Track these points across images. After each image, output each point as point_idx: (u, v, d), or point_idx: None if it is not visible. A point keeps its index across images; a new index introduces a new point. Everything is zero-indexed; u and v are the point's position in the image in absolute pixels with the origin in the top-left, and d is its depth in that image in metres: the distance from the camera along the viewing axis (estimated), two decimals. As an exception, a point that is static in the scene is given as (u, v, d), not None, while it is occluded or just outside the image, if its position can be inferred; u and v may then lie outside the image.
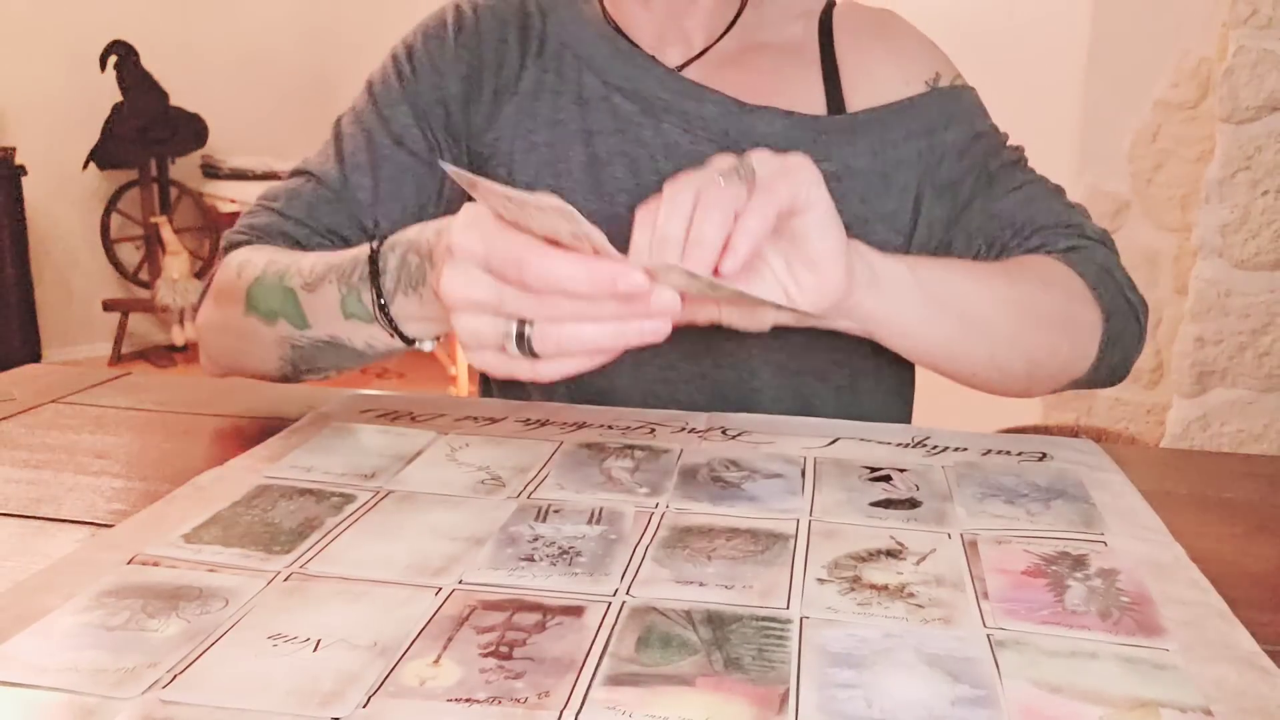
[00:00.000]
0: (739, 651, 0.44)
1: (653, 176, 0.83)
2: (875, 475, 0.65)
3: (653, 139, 0.83)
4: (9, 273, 3.49)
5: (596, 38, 0.86)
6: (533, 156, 0.85)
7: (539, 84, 0.86)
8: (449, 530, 0.56)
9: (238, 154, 4.14)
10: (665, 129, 0.83)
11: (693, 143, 0.83)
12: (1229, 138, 1.90)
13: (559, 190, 0.80)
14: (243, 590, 0.49)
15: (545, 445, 0.69)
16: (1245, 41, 1.86)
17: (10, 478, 0.64)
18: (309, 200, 0.83)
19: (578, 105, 0.85)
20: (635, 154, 0.83)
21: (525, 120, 0.85)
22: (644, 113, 0.84)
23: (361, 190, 0.84)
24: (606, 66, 0.85)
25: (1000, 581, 0.51)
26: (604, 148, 0.84)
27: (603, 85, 0.85)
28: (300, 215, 0.83)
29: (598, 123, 0.84)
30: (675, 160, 0.82)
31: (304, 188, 0.84)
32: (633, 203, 0.79)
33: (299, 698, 0.41)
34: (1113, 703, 0.41)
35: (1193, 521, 0.61)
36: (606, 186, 0.83)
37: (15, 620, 0.46)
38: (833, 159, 0.81)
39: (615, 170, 0.84)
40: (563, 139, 0.85)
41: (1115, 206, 2.18)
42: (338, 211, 0.83)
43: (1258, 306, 1.95)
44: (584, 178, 0.84)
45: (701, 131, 0.83)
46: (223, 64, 4.19)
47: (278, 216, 0.83)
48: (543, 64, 0.86)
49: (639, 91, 0.84)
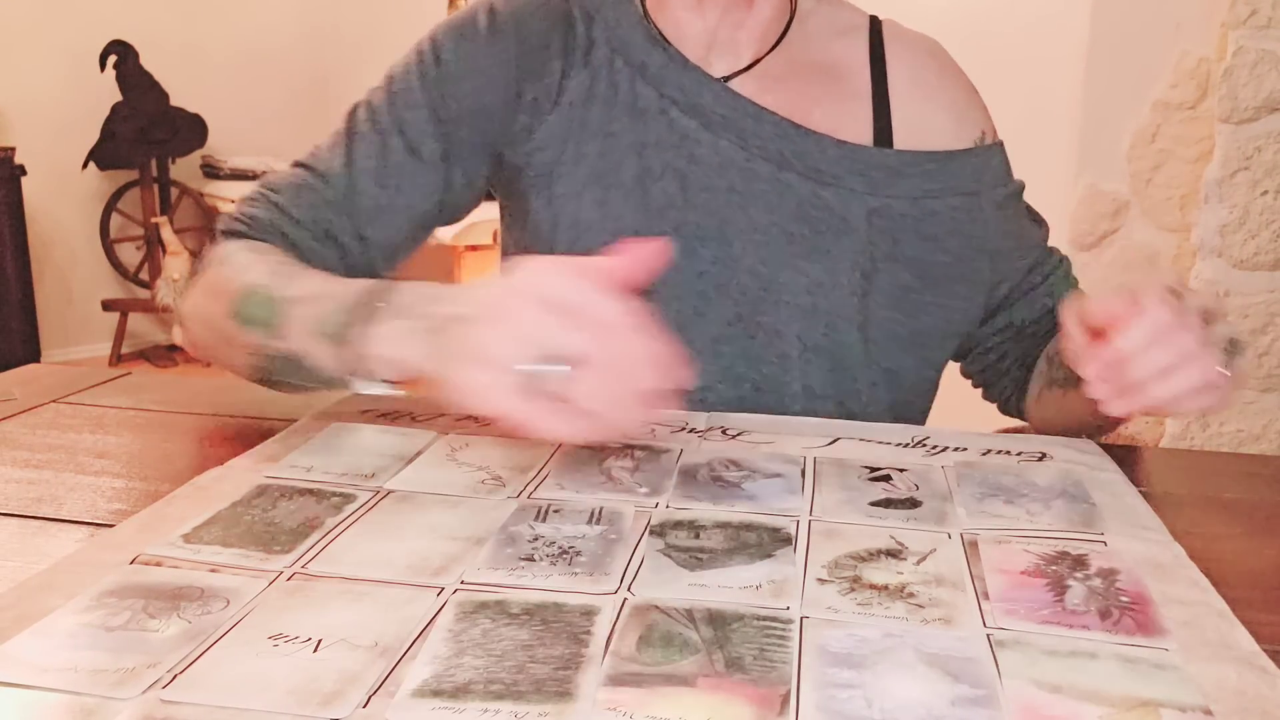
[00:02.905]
0: (740, 651, 0.44)
1: (703, 193, 0.81)
2: (875, 475, 0.65)
3: (707, 155, 0.82)
4: (9, 273, 3.49)
5: (647, 44, 0.83)
6: (581, 168, 0.82)
7: (589, 93, 0.83)
8: (449, 530, 0.56)
9: (238, 154, 4.14)
10: (722, 145, 0.82)
11: (747, 160, 0.82)
12: (1228, 138, 1.90)
13: (606, 202, 0.81)
14: (244, 590, 0.49)
15: (545, 445, 0.69)
16: (1244, 42, 1.86)
17: (11, 478, 0.64)
18: (313, 201, 0.80)
19: (631, 116, 0.82)
20: (687, 169, 0.82)
21: (574, 130, 0.82)
22: (703, 128, 0.82)
23: (366, 198, 0.80)
24: (661, 77, 0.83)
25: (1000, 581, 0.51)
26: (657, 161, 0.82)
27: (659, 98, 0.82)
28: (301, 216, 0.79)
29: (653, 135, 0.82)
30: (728, 178, 0.81)
31: (309, 184, 0.80)
32: (681, 219, 0.82)
33: (299, 698, 0.41)
34: (1112, 702, 0.41)
35: (1193, 521, 0.62)
36: (656, 201, 0.81)
37: (16, 620, 0.46)
38: (878, 195, 0.82)
39: (666, 185, 0.81)
40: (614, 150, 0.82)
41: (1114, 207, 2.18)
42: (339, 216, 0.80)
43: (1257, 306, 1.95)
44: (634, 191, 0.81)
45: (757, 150, 0.82)
46: (223, 64, 4.19)
47: (279, 213, 0.79)
48: (590, 71, 0.83)
49: (697, 105, 0.82)
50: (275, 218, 0.79)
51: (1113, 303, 0.64)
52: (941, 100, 0.87)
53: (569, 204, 0.82)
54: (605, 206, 0.82)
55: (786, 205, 0.81)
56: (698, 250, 0.81)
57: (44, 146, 3.75)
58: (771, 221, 0.81)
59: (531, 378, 0.51)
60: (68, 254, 3.97)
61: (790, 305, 0.82)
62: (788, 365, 0.82)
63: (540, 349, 0.51)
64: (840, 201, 0.82)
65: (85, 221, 4.00)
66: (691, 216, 0.81)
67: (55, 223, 3.91)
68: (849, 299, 0.82)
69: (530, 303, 0.52)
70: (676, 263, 0.80)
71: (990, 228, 0.85)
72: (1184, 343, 0.62)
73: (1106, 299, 0.65)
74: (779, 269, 0.81)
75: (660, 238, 0.76)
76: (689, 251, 0.81)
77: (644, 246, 0.55)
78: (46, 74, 3.79)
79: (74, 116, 3.83)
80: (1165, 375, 0.62)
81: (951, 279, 0.84)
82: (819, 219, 0.81)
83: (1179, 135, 2.08)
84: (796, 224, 0.81)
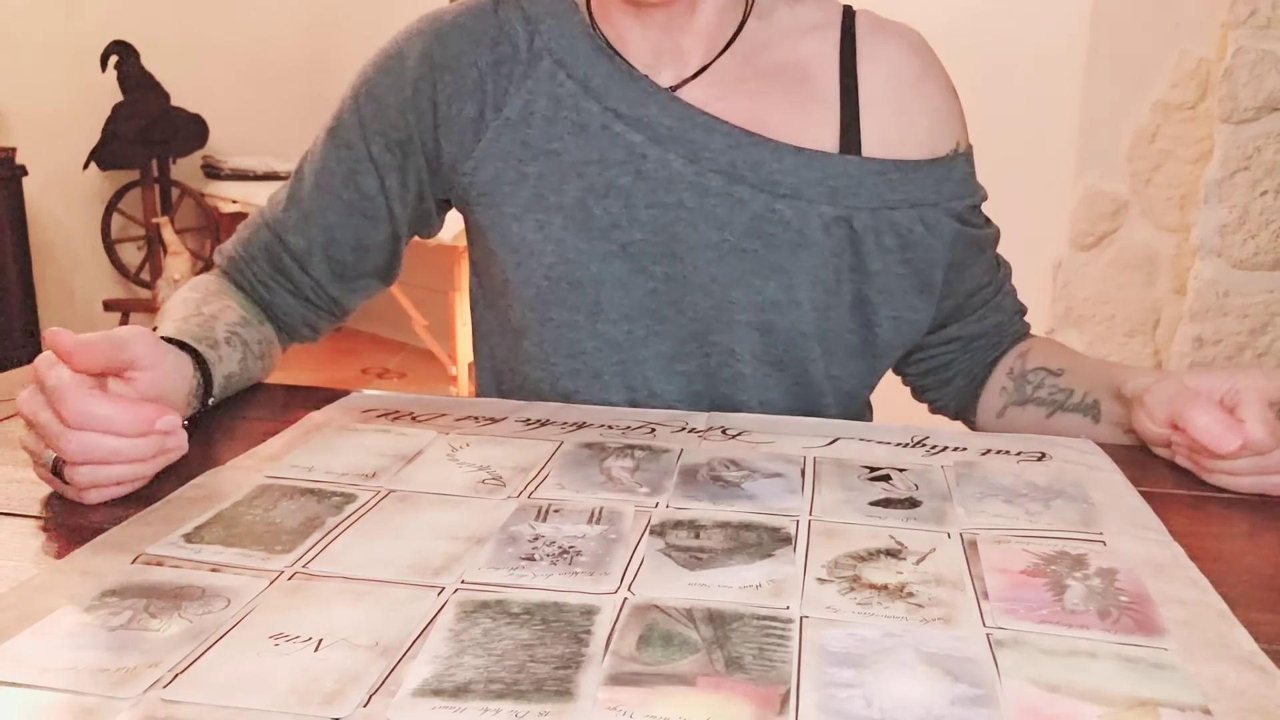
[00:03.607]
0: (740, 650, 0.44)
1: (650, 210, 0.78)
2: (875, 475, 0.66)
3: (655, 170, 0.78)
4: (10, 273, 3.49)
5: (592, 54, 0.80)
6: (522, 189, 0.80)
7: (528, 109, 0.80)
8: (450, 530, 0.56)
9: (239, 154, 4.14)
10: (670, 159, 0.78)
11: (697, 174, 0.78)
12: (1228, 138, 1.90)
13: (547, 225, 0.81)
14: (245, 590, 0.49)
15: (545, 445, 0.69)
16: (1244, 42, 1.86)
17: (12, 477, 0.64)
18: (262, 245, 0.87)
19: (574, 134, 0.79)
20: (633, 187, 0.79)
21: (515, 149, 0.80)
22: (649, 142, 0.78)
23: (303, 239, 0.86)
24: (606, 90, 0.79)
25: (999, 581, 0.52)
26: (600, 179, 0.79)
27: (603, 112, 0.79)
28: (254, 257, 0.88)
29: (595, 153, 0.79)
30: (677, 193, 0.78)
31: (258, 232, 0.88)
32: (627, 238, 0.80)
33: (300, 697, 0.41)
34: (1112, 702, 0.42)
35: (1192, 521, 0.62)
36: (599, 221, 0.79)
37: (17, 620, 0.46)
38: (837, 204, 0.79)
39: (610, 203, 0.79)
40: (554, 170, 0.79)
41: (1114, 207, 2.18)
42: (283, 258, 0.87)
43: (1256, 306, 1.95)
44: (575, 212, 0.79)
45: (707, 162, 0.78)
46: (224, 64, 4.19)
47: (241, 254, 0.89)
48: (531, 86, 0.80)
49: (643, 119, 0.79)
50: (238, 257, 0.89)
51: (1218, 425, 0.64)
52: (915, 108, 0.82)
53: (512, 225, 0.81)
54: (546, 229, 0.80)
55: (739, 220, 0.78)
56: (647, 268, 0.79)
57: (45, 147, 3.75)
58: (723, 238, 0.78)
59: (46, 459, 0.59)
60: (69, 254, 3.97)
61: (744, 324, 0.80)
62: (743, 384, 0.81)
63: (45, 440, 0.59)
64: (797, 214, 0.78)
65: (86, 222, 4.00)
66: (638, 234, 0.79)
67: (56, 223, 3.91)
68: (809, 314, 0.80)
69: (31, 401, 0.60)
70: (625, 281, 0.79)
71: (947, 239, 0.82)
72: (1272, 460, 0.65)
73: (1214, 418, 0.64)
74: (731, 286, 0.79)
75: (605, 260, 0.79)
76: (638, 270, 0.79)
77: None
78: (47, 74, 3.79)
79: (75, 117, 3.83)
80: (1239, 475, 0.66)
81: (908, 291, 0.82)
82: (774, 234, 0.78)
83: (1179, 135, 2.08)
84: (750, 240, 0.78)
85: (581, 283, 0.80)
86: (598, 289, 0.80)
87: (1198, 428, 0.65)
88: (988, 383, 0.92)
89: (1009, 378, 0.89)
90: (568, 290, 0.80)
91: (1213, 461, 0.67)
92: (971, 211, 0.85)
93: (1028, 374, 0.87)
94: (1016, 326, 0.93)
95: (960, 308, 0.89)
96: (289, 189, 0.88)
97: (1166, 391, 0.69)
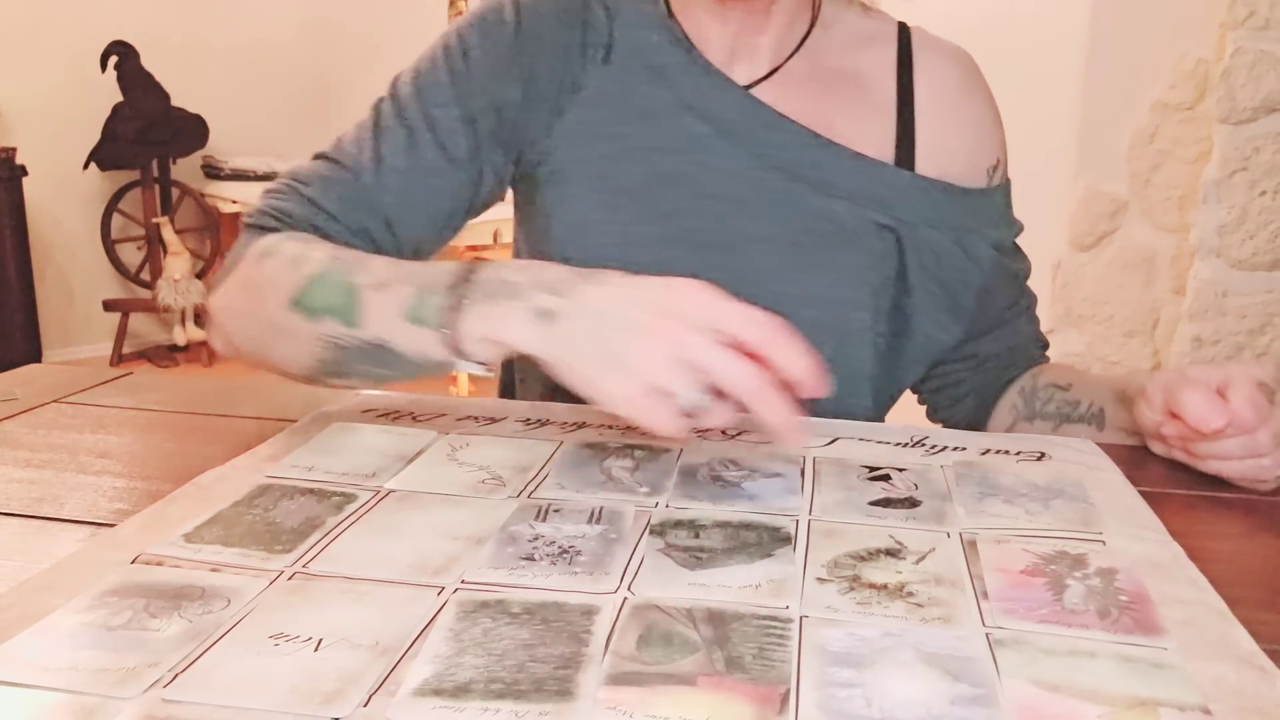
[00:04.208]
0: (740, 650, 0.44)
1: (711, 200, 0.80)
2: (875, 475, 0.66)
3: (719, 163, 0.80)
4: (10, 273, 3.49)
5: (669, 46, 0.82)
6: (588, 169, 0.81)
7: (602, 93, 0.81)
8: (450, 529, 0.56)
9: (239, 155, 4.14)
10: (734, 153, 0.81)
11: (759, 170, 0.80)
12: (1226, 139, 1.90)
13: (612, 206, 0.81)
14: (245, 590, 0.49)
15: (545, 445, 0.70)
16: (1243, 43, 1.86)
17: (12, 477, 0.64)
18: (343, 195, 0.78)
19: (643, 120, 0.81)
20: (698, 176, 0.80)
21: (585, 130, 0.81)
22: (716, 134, 0.80)
23: (396, 194, 0.78)
24: (679, 80, 0.81)
25: (999, 581, 0.52)
26: (665, 166, 0.81)
27: (674, 101, 0.81)
28: (333, 209, 0.77)
29: (663, 140, 0.81)
30: (738, 186, 0.80)
31: (337, 178, 0.78)
32: (689, 225, 0.81)
33: (300, 697, 0.41)
34: (1111, 701, 0.42)
35: (1191, 521, 0.62)
36: (663, 206, 0.80)
37: (17, 620, 0.46)
38: (887, 213, 0.82)
39: (673, 191, 0.80)
40: (622, 153, 0.81)
41: (1113, 207, 2.18)
42: (370, 211, 0.78)
43: (1255, 307, 1.95)
44: (641, 195, 0.81)
45: (770, 159, 0.81)
46: (224, 64, 4.19)
47: (311, 206, 0.77)
48: (608, 70, 0.81)
49: (713, 112, 0.81)
50: (307, 211, 0.77)
51: (1204, 402, 0.65)
52: (963, 121, 0.86)
53: (576, 204, 0.82)
54: (611, 210, 0.81)
55: (796, 217, 0.81)
56: (705, 257, 0.80)
57: (45, 147, 3.75)
58: (780, 232, 0.81)
59: (681, 399, 0.53)
60: (69, 254, 3.98)
61: (795, 318, 0.81)
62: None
63: (688, 373, 0.53)
64: (851, 216, 0.81)
65: (86, 222, 4.01)
66: (699, 223, 0.81)
67: (56, 223, 3.91)
68: (857, 314, 0.82)
69: (681, 322, 0.54)
70: (684, 268, 0.80)
71: (982, 267, 0.85)
72: (1257, 441, 0.65)
73: (1201, 396, 0.65)
74: (786, 281, 0.81)
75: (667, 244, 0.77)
76: (696, 258, 0.80)
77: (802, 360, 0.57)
78: (47, 74, 3.79)
79: (75, 117, 3.83)
80: (1229, 459, 0.67)
81: (940, 310, 0.85)
82: (828, 232, 0.81)
83: (1177, 136, 2.08)
84: (805, 236, 0.81)
85: (645, 264, 0.80)
86: (659, 271, 0.80)
87: (1187, 407, 0.66)
88: (999, 402, 0.93)
89: (1020, 395, 0.91)
90: (630, 271, 0.80)
91: (1204, 447, 0.67)
92: (1007, 242, 0.89)
93: (1039, 391, 0.89)
94: (1033, 353, 0.94)
95: (982, 329, 0.91)
96: (366, 144, 0.79)
97: (1165, 379, 0.71)
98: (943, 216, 0.83)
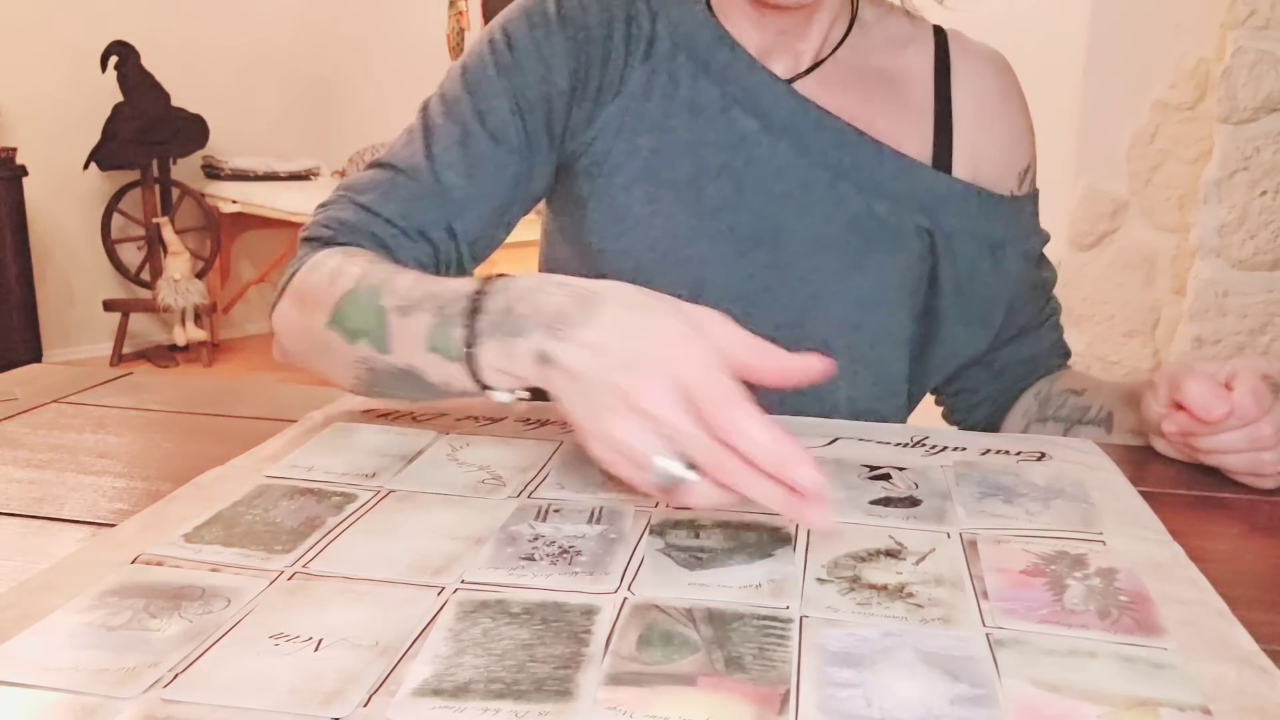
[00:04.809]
0: (740, 650, 0.44)
1: (758, 196, 0.80)
2: (875, 474, 0.66)
3: (765, 158, 0.80)
4: (10, 273, 3.49)
5: (714, 42, 0.82)
6: (633, 161, 0.81)
7: (648, 85, 0.81)
8: (449, 530, 0.56)
9: (239, 154, 4.14)
10: (781, 149, 0.80)
11: (806, 166, 0.80)
12: (1227, 138, 1.91)
13: (656, 199, 0.81)
14: (245, 590, 0.49)
15: (545, 445, 0.70)
16: (1243, 42, 1.87)
17: (12, 477, 0.64)
18: (401, 197, 0.77)
19: (691, 113, 0.81)
20: (744, 171, 0.80)
21: (631, 121, 0.81)
22: (763, 130, 0.80)
23: (455, 189, 0.77)
24: (726, 75, 0.81)
25: (999, 581, 0.52)
26: (713, 160, 0.80)
27: (722, 96, 0.81)
28: (391, 214, 0.76)
29: (710, 134, 0.81)
30: (784, 182, 0.80)
31: (393, 182, 0.78)
32: (735, 221, 0.81)
33: (300, 697, 0.41)
34: (1111, 701, 0.42)
35: (1191, 521, 0.62)
36: (709, 201, 0.80)
37: (17, 620, 0.46)
38: (925, 216, 0.82)
39: (721, 185, 0.80)
40: (668, 146, 0.81)
41: (1113, 207, 2.18)
42: (429, 210, 0.77)
43: (1255, 307, 1.95)
44: (687, 190, 0.80)
45: (816, 156, 0.80)
46: (224, 64, 4.19)
47: (366, 214, 0.76)
48: (651, 65, 0.81)
49: (760, 107, 0.81)
50: (363, 219, 0.76)
51: (1208, 391, 0.65)
52: (998, 125, 0.86)
53: (618, 197, 0.81)
54: (656, 203, 0.81)
55: (840, 216, 0.81)
56: (749, 253, 0.80)
57: (45, 147, 3.76)
58: (825, 231, 0.81)
59: (655, 468, 0.51)
60: (69, 254, 3.98)
61: (837, 317, 0.82)
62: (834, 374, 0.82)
63: (669, 448, 0.50)
64: (893, 216, 0.81)
65: (86, 222, 4.01)
66: (745, 219, 0.80)
67: (56, 223, 3.91)
68: (895, 315, 0.83)
69: (666, 385, 0.50)
70: (728, 263, 0.81)
71: (1010, 279, 0.86)
72: (1260, 433, 0.65)
73: (1205, 386, 0.65)
74: (829, 279, 0.81)
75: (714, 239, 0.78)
76: (741, 253, 0.80)
77: (802, 363, 0.54)
78: (47, 74, 3.79)
79: (75, 117, 3.83)
80: (1231, 451, 0.67)
81: (968, 318, 0.86)
82: (872, 232, 0.81)
83: (1178, 135, 2.08)
84: (850, 235, 0.81)
85: (689, 259, 0.80)
86: (702, 267, 0.80)
87: (1190, 395, 0.66)
88: (1014, 406, 0.93)
89: (1035, 399, 0.91)
90: (673, 265, 0.80)
91: (1206, 440, 0.67)
92: (1035, 252, 0.89)
93: (1054, 396, 0.89)
94: (1053, 362, 0.94)
95: (999, 331, 0.90)
96: (418, 145, 0.79)
97: (1171, 370, 0.71)
98: (978, 226, 0.83)
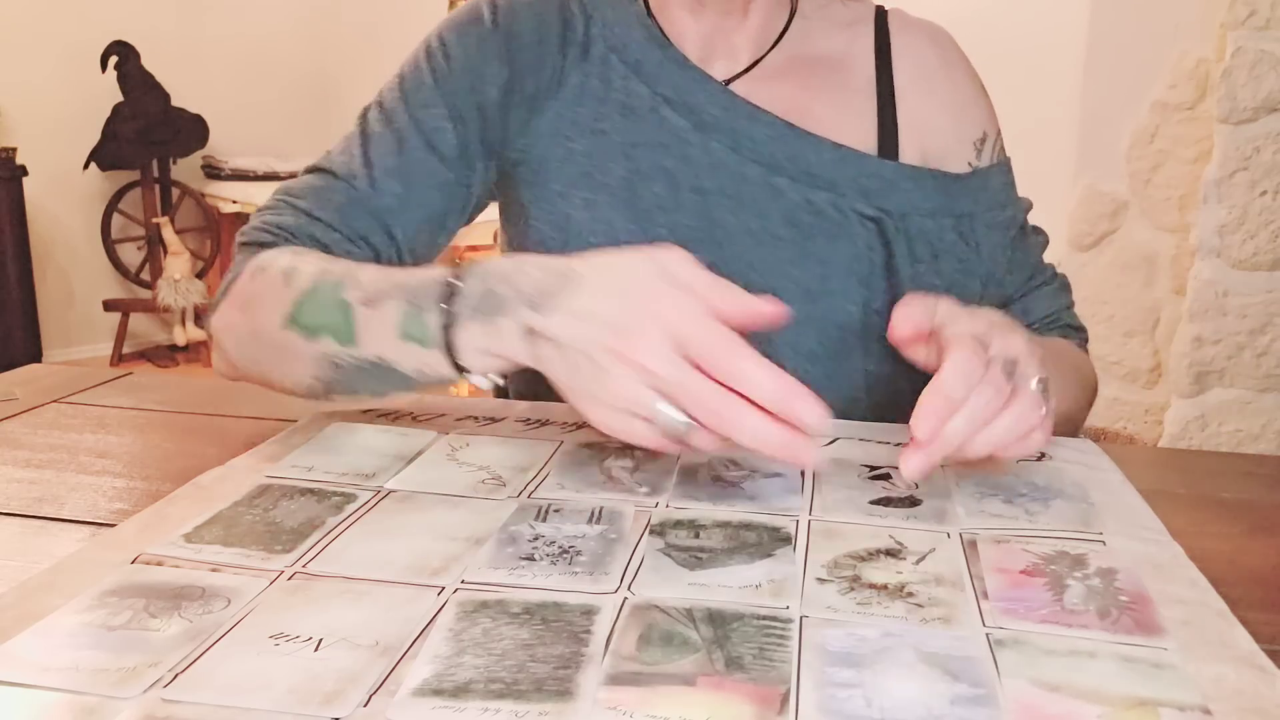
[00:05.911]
0: (740, 650, 0.44)
1: (693, 195, 0.80)
2: (875, 474, 0.66)
3: (699, 156, 0.81)
4: (10, 273, 3.49)
5: (646, 43, 0.82)
6: (569, 166, 0.81)
7: (582, 89, 0.82)
8: (449, 530, 0.56)
9: (239, 155, 4.14)
10: (713, 147, 0.81)
11: (739, 164, 0.81)
12: (1227, 138, 1.91)
13: (594, 204, 0.81)
14: (245, 590, 0.49)
15: (545, 445, 0.70)
16: (1243, 42, 1.87)
17: (12, 477, 0.64)
18: (338, 203, 0.78)
19: (623, 115, 0.81)
20: (678, 171, 0.81)
21: (564, 127, 0.82)
22: (695, 128, 0.81)
23: (390, 196, 0.78)
24: (657, 75, 0.82)
25: (999, 581, 0.52)
26: (646, 162, 0.81)
27: (652, 96, 0.81)
28: (330, 219, 0.77)
29: (642, 135, 0.81)
30: (718, 180, 0.80)
31: (331, 188, 0.78)
32: (672, 221, 0.81)
33: (300, 697, 0.41)
34: (1111, 701, 0.42)
35: (1191, 521, 0.62)
36: (644, 203, 0.80)
37: (17, 620, 0.46)
38: (870, 204, 0.81)
39: (655, 186, 0.81)
40: (602, 149, 0.81)
41: (1113, 207, 2.18)
42: (366, 216, 0.78)
43: (1255, 307, 1.96)
44: (621, 192, 0.81)
45: (749, 153, 0.80)
46: (224, 64, 4.19)
47: (306, 218, 0.77)
48: (586, 68, 0.82)
49: (691, 105, 0.81)
50: (302, 223, 0.76)
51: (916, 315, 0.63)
52: (940, 95, 0.85)
53: (557, 203, 0.82)
54: (594, 208, 0.81)
55: (776, 209, 0.81)
56: (691, 252, 0.80)
57: (45, 147, 3.75)
58: (762, 226, 0.81)
59: (658, 418, 0.53)
60: (69, 254, 3.97)
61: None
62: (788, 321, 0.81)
63: (666, 396, 0.52)
64: (833, 207, 0.81)
65: (86, 222, 4.01)
66: (682, 218, 0.81)
67: (56, 223, 3.91)
68: (844, 306, 0.81)
69: (660, 339, 0.52)
70: None
71: (983, 251, 0.84)
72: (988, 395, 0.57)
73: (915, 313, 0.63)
74: (770, 274, 0.80)
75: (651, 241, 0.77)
76: None
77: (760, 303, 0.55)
78: (47, 74, 3.79)
79: (75, 117, 3.83)
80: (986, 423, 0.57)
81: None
82: (811, 224, 0.81)
83: (1178, 136, 2.08)
84: (786, 228, 0.81)
85: None
86: None
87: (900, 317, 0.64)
88: None
89: None
90: None
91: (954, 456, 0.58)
92: (1009, 223, 0.86)
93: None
94: (1049, 334, 0.91)
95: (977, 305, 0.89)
96: (355, 152, 0.80)
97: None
98: (938, 205, 0.82)
